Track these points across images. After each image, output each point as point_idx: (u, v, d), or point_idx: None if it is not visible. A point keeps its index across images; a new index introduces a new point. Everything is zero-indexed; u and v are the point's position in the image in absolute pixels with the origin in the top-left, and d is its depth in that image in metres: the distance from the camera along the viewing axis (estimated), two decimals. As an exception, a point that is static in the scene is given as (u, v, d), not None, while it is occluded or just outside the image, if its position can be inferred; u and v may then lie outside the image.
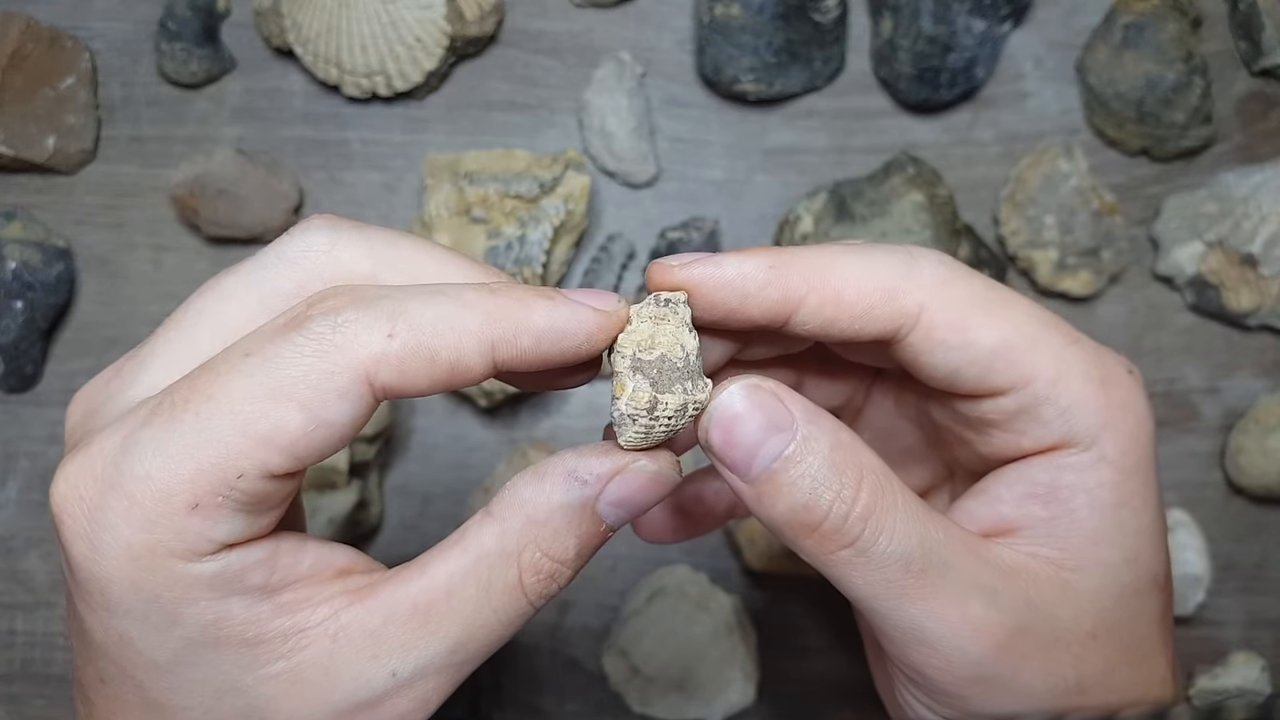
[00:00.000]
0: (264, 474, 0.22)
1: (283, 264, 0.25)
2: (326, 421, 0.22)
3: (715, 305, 0.25)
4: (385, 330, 0.22)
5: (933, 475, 0.32)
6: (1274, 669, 0.49)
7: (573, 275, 0.51)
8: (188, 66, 0.51)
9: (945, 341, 0.25)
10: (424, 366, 0.22)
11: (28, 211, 0.51)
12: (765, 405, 0.24)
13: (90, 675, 0.24)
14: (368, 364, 0.22)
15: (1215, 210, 0.50)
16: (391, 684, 0.23)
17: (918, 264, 0.25)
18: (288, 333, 0.22)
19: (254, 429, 0.21)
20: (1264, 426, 0.49)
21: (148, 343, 0.25)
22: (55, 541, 0.23)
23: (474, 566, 0.24)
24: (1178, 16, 0.49)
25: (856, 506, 0.24)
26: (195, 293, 0.25)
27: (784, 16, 0.49)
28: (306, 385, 0.21)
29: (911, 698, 0.26)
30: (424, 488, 0.51)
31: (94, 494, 0.21)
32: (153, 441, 0.21)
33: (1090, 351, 0.26)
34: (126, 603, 0.22)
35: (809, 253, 0.25)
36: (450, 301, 0.23)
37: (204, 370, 0.22)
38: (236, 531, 0.22)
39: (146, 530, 0.21)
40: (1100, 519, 0.26)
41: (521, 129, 0.52)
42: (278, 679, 0.23)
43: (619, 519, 0.25)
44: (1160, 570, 0.27)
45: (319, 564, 0.24)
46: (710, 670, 0.48)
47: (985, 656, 0.24)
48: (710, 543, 0.51)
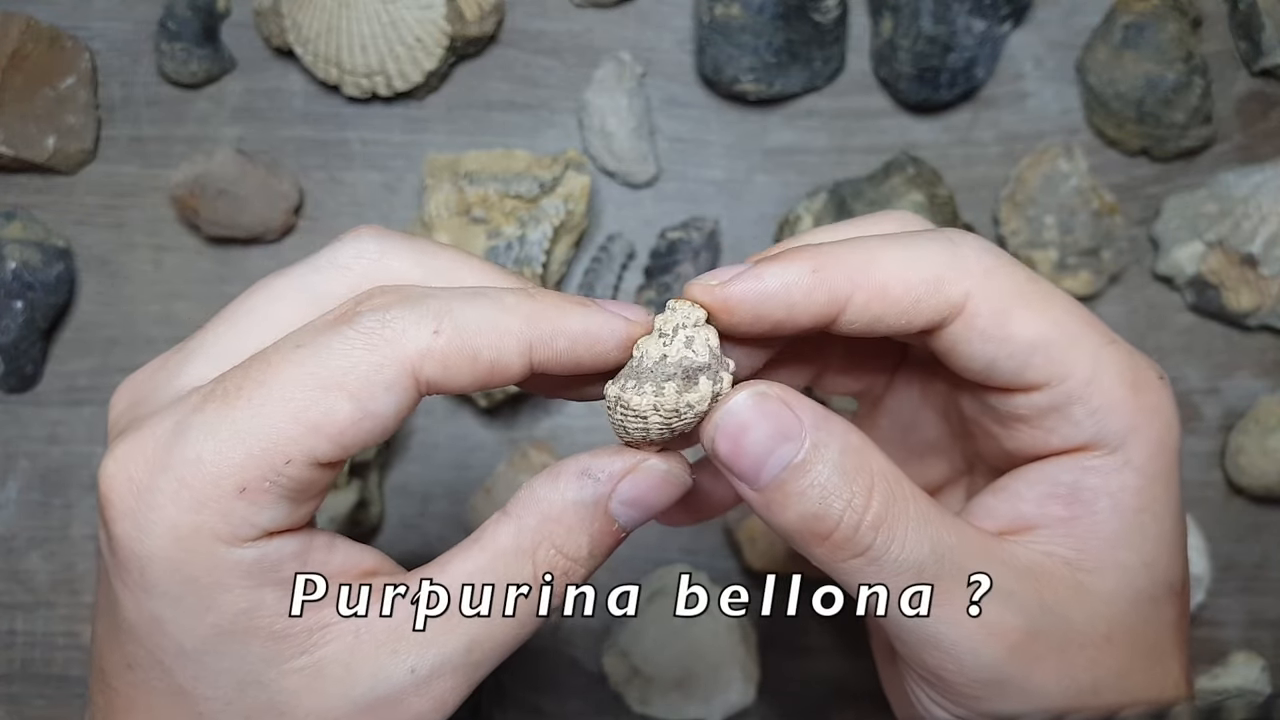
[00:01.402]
0: (311, 461, 0.22)
1: (335, 269, 0.25)
2: (373, 412, 0.22)
3: (761, 319, 0.25)
4: (431, 327, 0.23)
5: (951, 468, 0.32)
6: (1274, 669, 0.49)
7: (573, 275, 0.51)
8: (188, 66, 0.51)
9: (985, 332, 0.25)
10: (466, 364, 0.23)
11: (28, 211, 0.51)
12: (773, 413, 0.24)
13: (116, 661, 0.24)
14: (414, 359, 0.22)
15: (1215, 210, 0.50)
16: (410, 681, 0.24)
17: (961, 251, 0.25)
18: (338, 326, 0.23)
19: (305, 416, 0.22)
20: (1264, 426, 0.49)
21: (195, 337, 0.26)
22: (99, 521, 0.23)
23: (490, 564, 0.24)
24: (1178, 16, 0.49)
25: (868, 515, 0.24)
26: (244, 292, 0.26)
27: (784, 16, 0.49)
28: (356, 376, 0.22)
29: (925, 697, 0.26)
30: (424, 488, 0.51)
31: (144, 474, 0.22)
32: (205, 426, 0.22)
33: (1125, 353, 0.26)
34: (164, 584, 0.22)
35: (849, 250, 0.25)
36: (492, 303, 0.24)
37: (256, 360, 0.23)
38: (279, 519, 0.23)
39: (194, 511, 0.22)
40: (1121, 522, 0.25)
41: (521, 129, 0.52)
42: (300, 673, 0.23)
43: (631, 519, 0.25)
44: (1177, 576, 0.26)
45: (347, 563, 0.24)
46: (710, 670, 0.48)
47: (999, 659, 0.24)
48: (710, 543, 0.51)
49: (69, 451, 0.51)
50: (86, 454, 0.51)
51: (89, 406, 0.51)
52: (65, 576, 0.50)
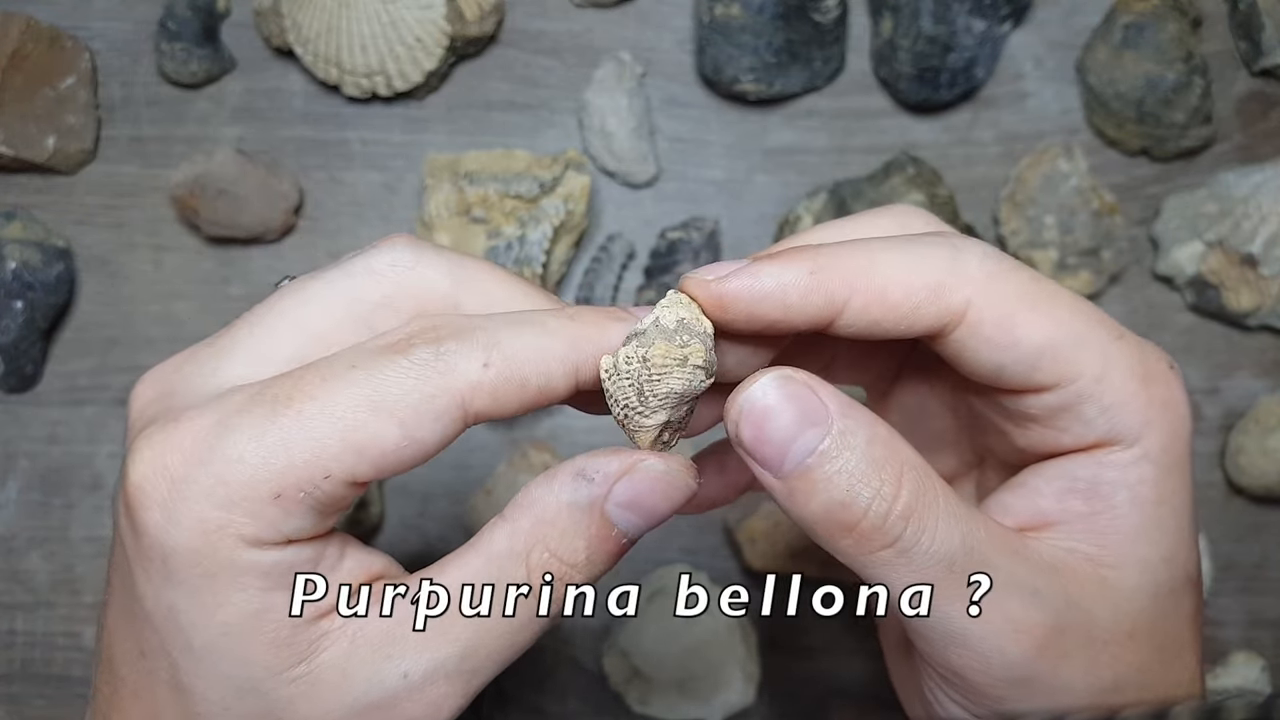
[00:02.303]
0: (348, 479, 0.23)
1: (370, 275, 0.25)
2: (419, 440, 0.23)
3: (756, 318, 0.24)
4: (481, 360, 0.23)
5: (961, 461, 0.32)
6: (1274, 669, 0.49)
7: (573, 275, 0.51)
8: (188, 66, 0.51)
9: (991, 339, 0.25)
10: (515, 392, 0.23)
11: (28, 211, 0.51)
12: (798, 397, 0.23)
13: (130, 648, 0.24)
14: (465, 391, 0.23)
15: (1215, 210, 0.50)
16: (403, 685, 0.24)
17: (962, 256, 0.25)
18: (393, 355, 0.23)
19: (352, 436, 0.22)
20: (1264, 426, 0.49)
21: (226, 334, 0.26)
22: (119, 510, 0.24)
23: (485, 568, 0.24)
24: (1178, 16, 0.49)
25: (897, 504, 0.23)
26: (276, 294, 0.26)
27: (784, 16, 0.49)
28: (407, 404, 0.22)
29: (944, 696, 0.26)
30: (424, 488, 0.51)
31: (181, 466, 0.22)
32: (251, 428, 0.22)
33: (1134, 347, 0.26)
34: (182, 574, 0.22)
35: (849, 252, 0.25)
36: (537, 329, 0.24)
37: (309, 372, 0.23)
38: (304, 528, 0.23)
39: (225, 509, 0.22)
40: (1141, 516, 0.25)
41: (521, 129, 0.52)
42: (298, 682, 0.23)
43: (631, 524, 0.24)
44: (1193, 568, 0.26)
45: (356, 568, 0.25)
46: (710, 670, 0.48)
47: (1025, 657, 0.24)
48: (710, 543, 0.51)
49: (69, 451, 0.51)
50: (86, 454, 0.51)
51: (89, 406, 0.51)
52: (65, 576, 0.50)
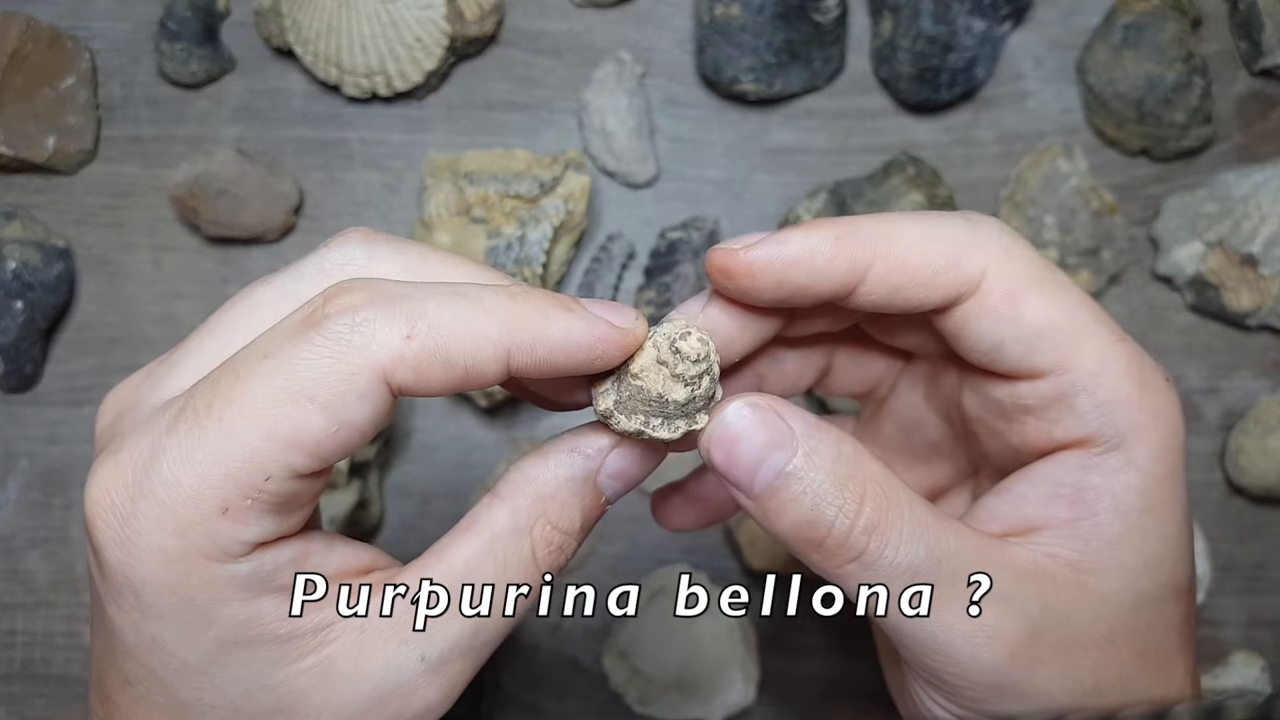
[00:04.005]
0: (290, 475, 0.22)
1: (321, 276, 0.25)
2: (348, 422, 0.22)
3: (784, 284, 0.25)
4: (403, 331, 0.22)
5: (956, 471, 0.32)
6: (1274, 669, 0.49)
7: (573, 275, 0.51)
8: (188, 66, 0.51)
9: (997, 311, 0.25)
10: (440, 370, 0.22)
11: (28, 211, 0.51)
12: (765, 423, 0.24)
13: (114, 678, 0.24)
14: (385, 365, 0.22)
15: (1215, 210, 0.50)
16: (421, 669, 0.24)
17: (979, 229, 0.25)
18: (306, 332, 0.22)
19: (278, 433, 0.21)
20: (1264, 426, 0.49)
21: (180, 347, 0.25)
22: (87, 544, 0.23)
23: (489, 546, 0.24)
24: (1178, 16, 0.49)
25: (860, 520, 0.24)
26: (229, 301, 0.25)
27: (784, 16, 0.49)
28: (326, 388, 0.21)
29: (928, 699, 0.26)
30: (424, 488, 0.51)
31: (125, 500, 0.22)
32: (179, 449, 0.21)
33: (1134, 352, 0.26)
34: (160, 605, 0.22)
35: (872, 221, 0.25)
36: (470, 305, 0.23)
37: (224, 373, 0.22)
38: (267, 532, 0.22)
39: (180, 535, 0.21)
40: (1123, 524, 0.25)
41: (521, 129, 0.52)
42: (308, 673, 0.23)
43: (615, 491, 0.26)
44: (1182, 579, 0.26)
45: (346, 562, 0.24)
46: (710, 670, 0.48)
47: (1000, 662, 0.24)
48: (710, 543, 0.51)
49: (69, 451, 0.51)
50: (86, 454, 0.51)
51: (89, 406, 0.51)
52: (65, 576, 0.50)
